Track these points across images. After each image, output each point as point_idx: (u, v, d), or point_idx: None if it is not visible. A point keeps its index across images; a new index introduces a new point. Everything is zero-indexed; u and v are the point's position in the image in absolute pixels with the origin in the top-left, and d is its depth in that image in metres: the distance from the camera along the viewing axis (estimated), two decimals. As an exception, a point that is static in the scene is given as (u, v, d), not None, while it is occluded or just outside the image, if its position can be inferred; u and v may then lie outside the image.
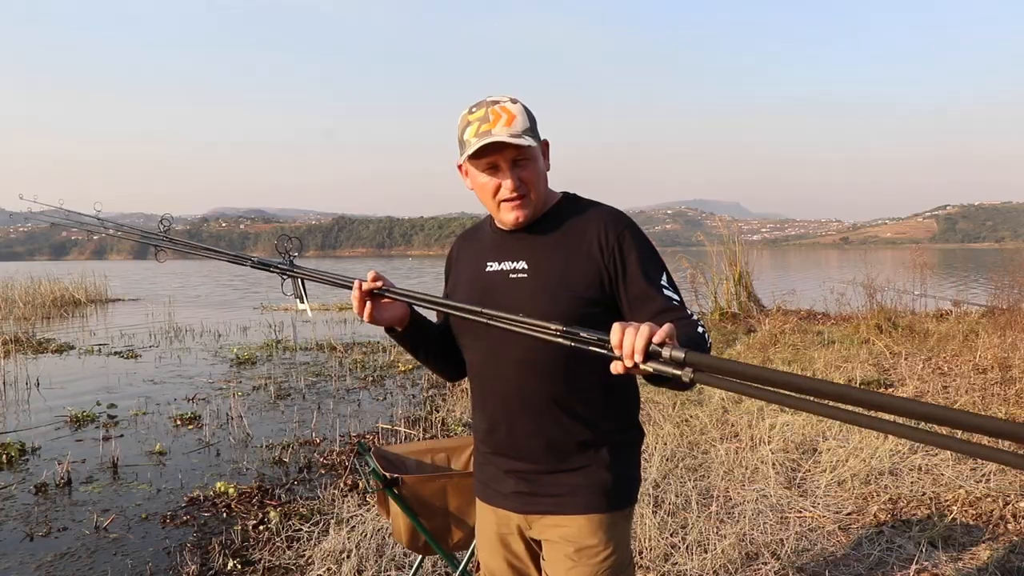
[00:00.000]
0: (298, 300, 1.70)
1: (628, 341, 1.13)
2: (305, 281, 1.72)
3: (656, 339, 1.12)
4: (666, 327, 1.14)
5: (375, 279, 1.58)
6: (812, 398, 0.93)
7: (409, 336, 1.70)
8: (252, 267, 1.79)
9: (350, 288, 1.61)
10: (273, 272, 1.73)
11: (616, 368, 1.16)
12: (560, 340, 1.24)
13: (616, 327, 1.16)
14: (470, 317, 1.40)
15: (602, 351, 1.18)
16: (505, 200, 1.57)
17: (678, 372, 1.06)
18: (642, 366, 1.12)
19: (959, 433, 0.82)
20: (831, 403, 0.91)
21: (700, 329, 1.47)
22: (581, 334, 1.21)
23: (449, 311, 1.48)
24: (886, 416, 0.87)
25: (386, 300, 1.61)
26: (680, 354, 1.07)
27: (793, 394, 0.94)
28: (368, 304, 1.59)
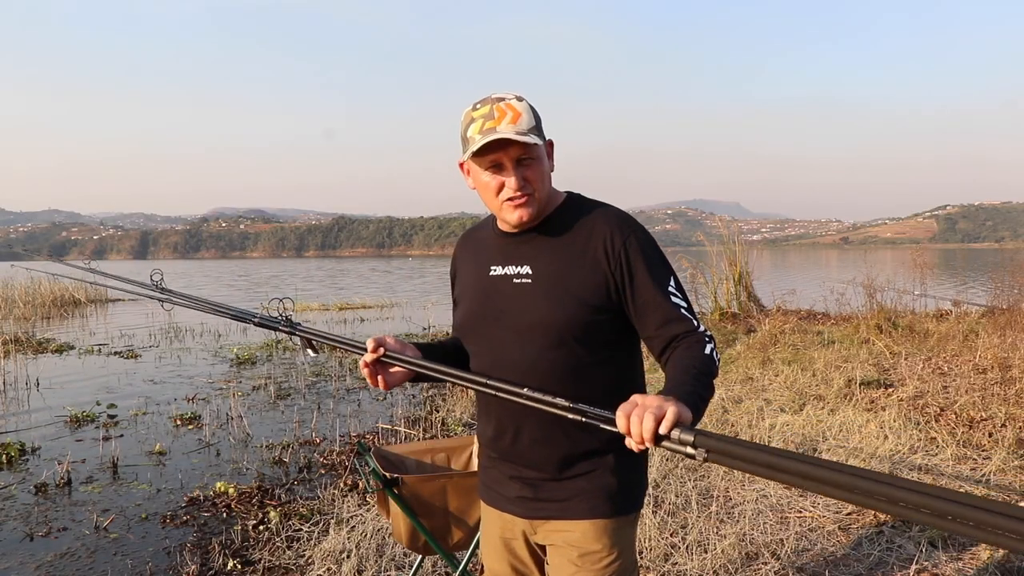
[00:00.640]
0: (309, 350, 1.77)
1: (635, 431, 1.16)
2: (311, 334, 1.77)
3: (663, 430, 1.14)
4: (670, 412, 1.15)
5: (375, 349, 1.53)
6: (827, 484, 0.92)
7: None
8: (256, 325, 1.87)
9: (349, 348, 1.62)
10: (281, 331, 1.78)
11: (631, 446, 1.20)
12: (569, 416, 1.26)
13: (620, 415, 1.19)
14: (474, 388, 1.41)
15: (613, 429, 1.21)
16: (508, 200, 1.52)
17: (692, 452, 1.10)
18: (656, 447, 1.16)
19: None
20: (846, 489, 0.91)
21: (707, 349, 1.46)
22: (591, 411, 1.24)
23: (450, 381, 1.46)
24: (900, 498, 0.87)
25: (394, 369, 1.57)
26: (689, 437, 1.11)
27: (806, 479, 0.94)
28: (380, 377, 1.56)
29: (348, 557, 3.40)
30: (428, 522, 2.36)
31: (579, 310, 1.51)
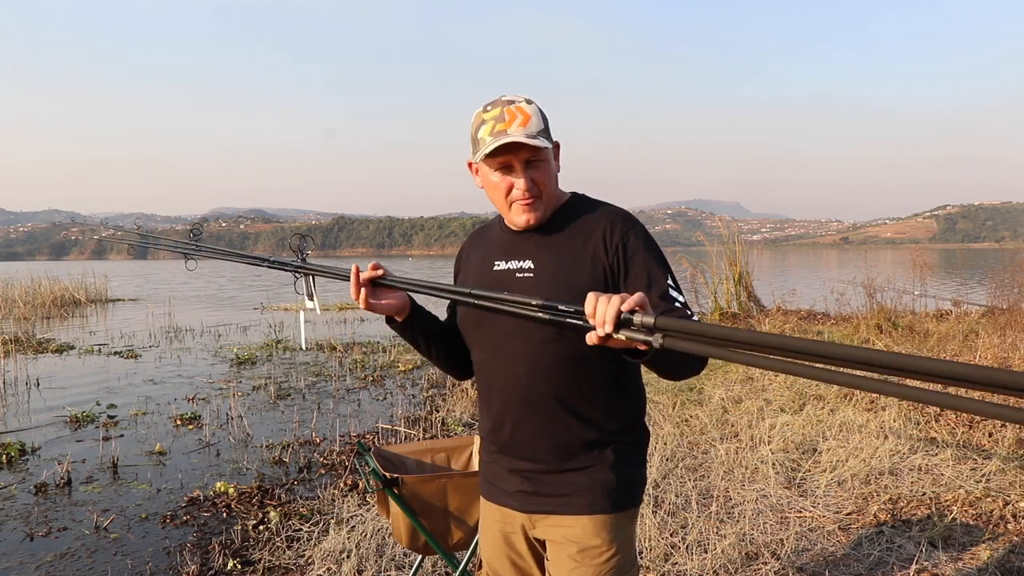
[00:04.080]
0: (307, 297, 1.80)
1: (600, 309, 1.16)
2: (315, 279, 1.83)
3: (626, 306, 1.14)
4: (637, 295, 1.16)
5: (374, 268, 1.60)
6: (791, 359, 0.90)
7: (409, 327, 1.71)
8: (268, 267, 1.95)
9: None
10: (287, 270, 1.85)
11: (590, 339, 1.18)
12: (539, 315, 1.27)
13: (590, 296, 1.19)
14: (458, 299, 1.45)
15: (578, 323, 1.21)
16: (517, 201, 1.58)
17: (649, 338, 1.08)
18: (615, 335, 1.15)
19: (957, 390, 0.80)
20: (811, 363, 0.88)
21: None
22: (559, 307, 1.24)
23: (438, 295, 1.50)
24: (863, 372, 0.85)
25: (383, 288, 1.62)
26: (650, 319, 1.09)
27: (769, 355, 0.92)
28: (363, 290, 1.60)
29: (348, 557, 3.40)
30: (428, 522, 2.36)
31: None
